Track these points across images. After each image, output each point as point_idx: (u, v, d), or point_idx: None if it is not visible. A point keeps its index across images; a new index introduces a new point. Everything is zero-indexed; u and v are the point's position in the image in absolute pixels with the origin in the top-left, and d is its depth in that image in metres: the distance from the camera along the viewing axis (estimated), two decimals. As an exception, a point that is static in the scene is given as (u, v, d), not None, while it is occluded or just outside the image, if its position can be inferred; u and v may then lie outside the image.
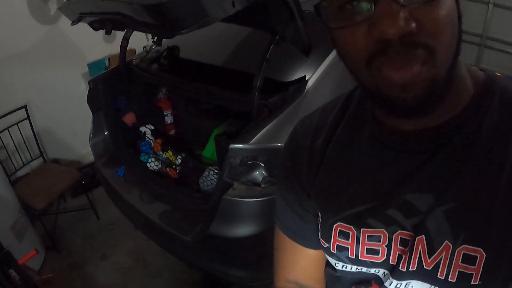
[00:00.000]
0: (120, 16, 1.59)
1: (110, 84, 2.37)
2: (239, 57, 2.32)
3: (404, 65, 0.48)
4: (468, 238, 0.57)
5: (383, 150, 0.64)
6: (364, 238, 0.66)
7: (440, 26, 0.48)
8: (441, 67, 0.50)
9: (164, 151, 2.25)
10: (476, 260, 0.56)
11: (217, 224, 1.77)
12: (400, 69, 0.49)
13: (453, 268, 0.58)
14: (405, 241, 0.63)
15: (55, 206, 2.95)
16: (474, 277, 0.57)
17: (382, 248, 0.65)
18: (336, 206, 0.70)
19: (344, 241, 0.69)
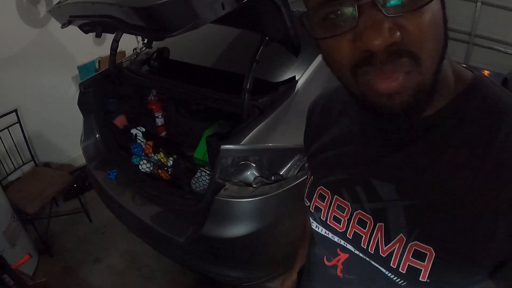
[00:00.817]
0: (110, 19, 1.59)
1: (101, 86, 2.37)
2: (229, 58, 2.33)
3: (390, 75, 0.49)
4: (420, 235, 0.59)
5: (367, 129, 0.68)
6: (335, 205, 0.72)
7: (425, 34, 0.48)
8: (426, 74, 0.51)
9: (155, 153, 2.25)
10: (425, 257, 0.58)
11: (210, 225, 1.78)
12: (386, 79, 0.50)
13: (404, 261, 0.61)
14: (363, 222, 0.67)
15: (47, 210, 2.94)
16: (422, 274, 0.59)
17: (344, 219, 0.70)
18: (324, 171, 0.77)
19: (320, 203, 0.75)
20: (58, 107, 3.26)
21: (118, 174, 2.25)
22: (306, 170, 0.87)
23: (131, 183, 2.18)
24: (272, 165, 1.76)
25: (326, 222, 0.74)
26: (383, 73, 0.49)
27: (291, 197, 1.76)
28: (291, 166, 1.78)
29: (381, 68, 0.49)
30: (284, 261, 2.08)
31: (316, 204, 0.76)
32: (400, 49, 0.48)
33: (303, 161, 1.79)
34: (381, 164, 0.65)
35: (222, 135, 1.85)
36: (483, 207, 0.54)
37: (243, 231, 1.75)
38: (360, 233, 0.67)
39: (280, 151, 1.77)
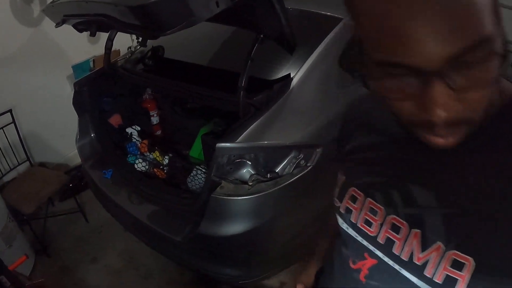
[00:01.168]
0: (104, 18, 1.59)
1: (96, 86, 2.36)
2: (224, 57, 2.33)
3: (446, 137, 0.51)
4: (460, 245, 0.57)
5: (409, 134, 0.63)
6: (367, 208, 0.70)
7: (484, 102, 0.49)
8: (478, 120, 0.51)
9: (151, 152, 2.25)
10: (464, 267, 0.56)
11: (206, 223, 1.78)
12: (441, 138, 0.51)
13: (440, 270, 0.59)
14: (397, 227, 0.65)
15: (43, 210, 2.93)
16: (459, 284, 0.57)
17: (376, 223, 0.68)
18: (358, 172, 0.76)
19: (352, 204, 0.74)
20: (53, 107, 3.24)
21: (114, 173, 2.24)
22: (338, 169, 0.86)
23: (127, 182, 2.18)
24: (268, 162, 1.76)
25: (356, 225, 0.72)
26: (441, 135, 0.51)
27: (287, 195, 1.77)
28: (287, 164, 1.78)
29: (439, 132, 0.50)
30: (281, 259, 2.10)
31: (347, 206, 0.75)
32: (459, 119, 0.48)
33: (299, 158, 1.79)
34: (420, 169, 0.64)
35: (218, 133, 1.85)
36: None
37: (240, 229, 1.75)
38: (393, 238, 0.65)
39: (275, 148, 1.77)
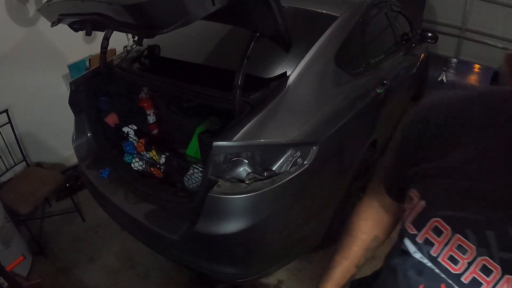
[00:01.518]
0: (100, 17, 1.58)
1: (92, 85, 2.36)
2: (220, 55, 2.33)
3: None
4: None
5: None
6: (454, 244, 0.64)
7: None
8: None
9: (147, 151, 2.25)
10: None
11: (203, 222, 1.78)
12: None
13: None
14: (488, 270, 0.61)
15: (40, 210, 2.93)
16: None
17: (463, 262, 0.63)
18: (445, 201, 0.67)
19: (434, 237, 0.67)
20: (49, 107, 3.23)
21: (111, 172, 2.24)
22: (409, 191, 0.76)
23: (124, 181, 2.18)
24: (265, 161, 1.76)
25: (436, 259, 0.67)
26: None
27: (284, 193, 1.77)
28: (284, 162, 1.78)
29: None
30: (278, 257, 2.10)
31: (428, 237, 0.68)
32: None
33: (296, 156, 1.79)
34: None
35: (214, 132, 1.85)
36: None
37: (237, 227, 1.75)
38: (481, 280, 0.61)
39: (272, 146, 1.77)
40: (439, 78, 6.21)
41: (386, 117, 2.86)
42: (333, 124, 1.99)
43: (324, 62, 2.07)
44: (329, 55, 2.10)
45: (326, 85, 2.07)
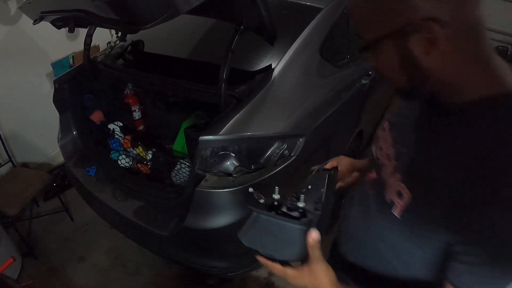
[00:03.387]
0: (82, 13, 1.56)
1: (76, 82, 2.34)
2: (204, 49, 2.32)
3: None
4: (405, 179, 0.76)
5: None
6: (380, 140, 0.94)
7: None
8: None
9: (134, 147, 2.24)
10: (403, 197, 0.75)
11: (192, 216, 1.78)
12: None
13: (390, 194, 0.79)
14: (388, 157, 0.86)
15: (28, 211, 2.90)
16: (397, 209, 0.76)
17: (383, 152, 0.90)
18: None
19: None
20: (33, 105, 3.20)
21: (98, 170, 2.23)
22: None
23: (111, 179, 2.17)
24: (252, 154, 1.77)
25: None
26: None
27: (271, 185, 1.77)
28: (271, 154, 1.78)
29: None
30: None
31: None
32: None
33: (282, 148, 1.80)
34: (421, 122, 0.82)
35: (200, 126, 1.84)
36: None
37: (226, 221, 1.76)
38: (384, 163, 0.87)
39: (259, 139, 1.77)
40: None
41: (372, 108, 2.87)
42: (319, 116, 2.00)
43: (309, 54, 2.07)
44: (314, 47, 2.10)
45: (311, 76, 2.08)
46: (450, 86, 0.68)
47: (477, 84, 0.67)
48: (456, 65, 0.66)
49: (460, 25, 0.62)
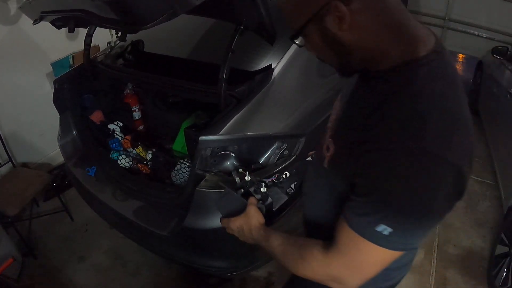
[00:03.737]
0: (82, 13, 1.56)
1: (76, 82, 2.34)
2: (204, 49, 2.32)
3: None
4: (332, 134, 0.93)
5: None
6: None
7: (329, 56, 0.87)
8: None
9: (134, 147, 2.24)
10: (330, 150, 0.91)
11: (192, 216, 1.78)
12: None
13: (324, 150, 0.95)
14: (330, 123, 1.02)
15: (28, 211, 2.90)
16: (326, 161, 0.92)
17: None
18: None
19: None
20: (33, 106, 3.20)
21: (97, 170, 2.22)
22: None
23: (111, 179, 2.16)
24: (251, 154, 1.77)
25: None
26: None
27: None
28: (271, 154, 1.78)
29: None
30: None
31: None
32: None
33: (282, 148, 1.80)
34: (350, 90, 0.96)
35: (200, 126, 1.84)
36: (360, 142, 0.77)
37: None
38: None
39: (258, 139, 1.77)
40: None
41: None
42: (319, 116, 2.00)
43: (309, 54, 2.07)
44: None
45: (311, 76, 2.08)
46: (371, 57, 0.77)
47: (392, 52, 0.75)
48: (370, 37, 0.75)
49: (363, 0, 0.71)
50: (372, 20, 0.73)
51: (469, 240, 2.93)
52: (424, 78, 0.72)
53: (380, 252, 0.75)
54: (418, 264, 2.71)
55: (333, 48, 0.79)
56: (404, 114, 0.70)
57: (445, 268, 2.69)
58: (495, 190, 3.41)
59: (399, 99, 0.73)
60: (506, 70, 3.67)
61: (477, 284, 2.58)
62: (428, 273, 2.65)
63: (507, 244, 2.49)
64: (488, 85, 4.13)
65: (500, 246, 2.57)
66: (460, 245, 2.89)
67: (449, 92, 0.73)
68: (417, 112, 0.69)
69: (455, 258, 2.78)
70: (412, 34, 0.76)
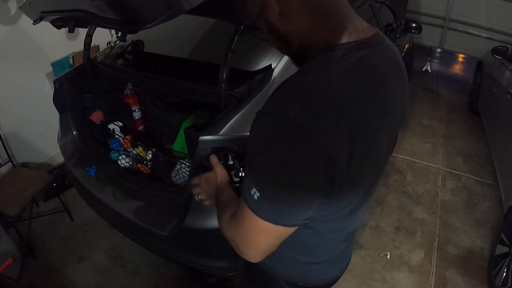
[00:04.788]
0: (82, 13, 1.56)
1: (76, 82, 2.33)
2: (204, 49, 2.32)
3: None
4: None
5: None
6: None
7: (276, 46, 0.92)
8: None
9: (134, 147, 2.24)
10: None
11: (192, 216, 1.78)
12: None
13: None
14: None
15: (28, 211, 2.90)
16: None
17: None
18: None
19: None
20: (33, 105, 3.20)
21: (97, 170, 2.22)
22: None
23: (111, 179, 2.16)
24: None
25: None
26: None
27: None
28: (271, 154, 1.78)
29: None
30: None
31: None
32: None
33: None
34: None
35: (200, 126, 1.84)
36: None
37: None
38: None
39: (259, 139, 1.76)
40: (424, 68, 6.26)
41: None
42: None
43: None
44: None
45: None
46: (306, 45, 0.81)
47: (317, 40, 0.79)
48: (301, 27, 0.78)
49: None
50: (300, 10, 0.77)
51: (469, 240, 2.94)
52: (325, 60, 0.76)
53: (257, 221, 0.78)
54: (418, 264, 2.72)
55: (278, 38, 0.84)
56: (289, 86, 0.75)
57: (445, 268, 2.69)
58: (495, 190, 3.42)
59: (295, 74, 0.78)
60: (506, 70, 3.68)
61: (477, 284, 2.59)
62: (428, 273, 2.65)
63: (507, 244, 2.49)
64: (488, 85, 4.14)
65: (500, 246, 2.58)
66: (460, 245, 2.89)
67: (344, 79, 0.74)
68: (300, 85, 0.73)
69: (455, 258, 2.78)
70: (338, 24, 0.79)
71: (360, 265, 2.71)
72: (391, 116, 0.86)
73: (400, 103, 0.89)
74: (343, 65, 0.74)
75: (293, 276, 1.19)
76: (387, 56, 0.85)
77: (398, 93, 0.87)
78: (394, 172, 3.71)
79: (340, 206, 0.89)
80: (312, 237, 1.02)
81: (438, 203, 3.33)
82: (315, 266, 1.15)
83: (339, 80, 0.73)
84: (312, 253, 1.11)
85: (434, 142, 4.27)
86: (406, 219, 3.15)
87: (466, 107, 5.08)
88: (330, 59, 0.76)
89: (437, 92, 5.55)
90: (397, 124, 0.93)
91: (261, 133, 0.73)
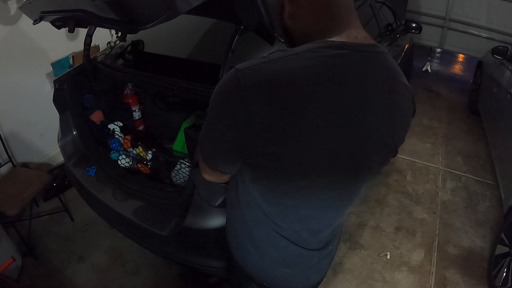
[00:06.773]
0: (82, 13, 1.56)
1: (76, 82, 2.33)
2: (204, 49, 2.32)
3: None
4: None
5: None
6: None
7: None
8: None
9: (134, 147, 2.24)
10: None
11: (192, 216, 1.78)
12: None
13: None
14: None
15: (28, 211, 2.90)
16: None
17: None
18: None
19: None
20: (33, 105, 3.20)
21: (97, 170, 2.22)
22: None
23: (111, 179, 2.16)
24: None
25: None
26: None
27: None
28: (271, 154, 1.78)
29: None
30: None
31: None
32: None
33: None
34: None
35: (200, 126, 1.84)
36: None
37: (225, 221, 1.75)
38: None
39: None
40: (424, 68, 6.27)
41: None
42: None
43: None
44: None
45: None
46: (307, 41, 0.82)
47: (316, 37, 0.82)
48: (303, 25, 0.85)
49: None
50: (306, 10, 0.83)
51: (469, 240, 2.94)
52: (301, 47, 0.79)
53: (201, 158, 0.99)
54: (418, 264, 2.72)
55: (286, 36, 0.92)
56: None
57: (445, 268, 2.69)
58: (495, 190, 3.42)
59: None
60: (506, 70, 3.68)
61: (477, 284, 2.59)
62: (428, 273, 2.65)
63: (507, 244, 2.49)
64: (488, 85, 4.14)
65: (500, 246, 2.58)
66: (460, 245, 2.89)
67: (299, 64, 0.75)
68: (267, 58, 0.79)
69: (455, 258, 2.78)
70: (336, 27, 0.83)
71: (360, 265, 2.71)
72: (352, 124, 0.80)
73: (383, 124, 0.85)
74: (312, 54, 0.77)
75: (261, 276, 1.21)
76: (375, 66, 0.82)
77: (379, 110, 0.83)
78: (394, 172, 3.71)
79: (277, 185, 0.87)
80: (269, 231, 1.06)
81: (438, 203, 3.33)
82: (277, 268, 1.16)
83: (292, 64, 0.75)
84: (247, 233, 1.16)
85: (434, 142, 4.27)
86: (406, 219, 3.15)
87: (466, 107, 5.09)
88: (305, 48, 0.78)
89: (437, 92, 5.56)
90: (371, 142, 0.86)
91: (217, 87, 0.84)
